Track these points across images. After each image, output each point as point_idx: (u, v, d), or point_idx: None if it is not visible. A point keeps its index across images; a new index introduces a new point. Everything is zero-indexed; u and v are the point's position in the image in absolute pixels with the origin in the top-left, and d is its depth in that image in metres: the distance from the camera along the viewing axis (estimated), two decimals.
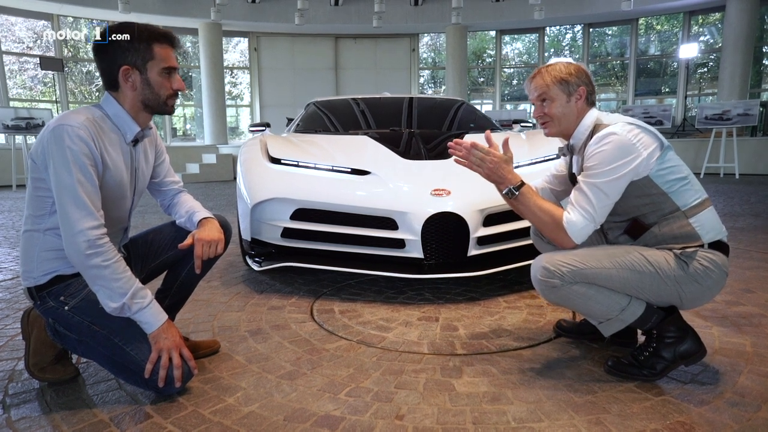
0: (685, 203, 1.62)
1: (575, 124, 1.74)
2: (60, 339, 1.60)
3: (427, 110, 4.21)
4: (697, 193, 1.64)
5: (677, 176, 1.63)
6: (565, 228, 1.64)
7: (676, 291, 1.61)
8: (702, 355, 1.66)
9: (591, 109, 1.74)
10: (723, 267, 1.62)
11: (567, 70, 1.72)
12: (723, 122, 9.81)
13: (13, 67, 11.78)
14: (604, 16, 12.78)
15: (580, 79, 1.72)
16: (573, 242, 1.65)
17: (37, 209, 1.54)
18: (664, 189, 1.62)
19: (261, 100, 14.09)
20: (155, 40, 1.57)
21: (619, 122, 1.64)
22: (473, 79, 15.31)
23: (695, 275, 1.59)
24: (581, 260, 1.62)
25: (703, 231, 1.61)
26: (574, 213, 1.64)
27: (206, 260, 1.75)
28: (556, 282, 1.63)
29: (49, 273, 1.55)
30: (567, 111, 1.72)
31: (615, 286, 1.62)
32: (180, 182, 1.94)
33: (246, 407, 1.51)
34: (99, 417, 1.46)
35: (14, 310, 2.43)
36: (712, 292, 1.64)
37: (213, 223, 1.77)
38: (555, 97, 1.72)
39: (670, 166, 1.62)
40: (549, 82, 1.72)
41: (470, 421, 1.42)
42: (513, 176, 1.73)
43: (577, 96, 1.71)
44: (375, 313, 2.33)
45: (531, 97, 1.79)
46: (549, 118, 1.75)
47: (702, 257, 1.59)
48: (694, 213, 1.62)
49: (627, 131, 1.60)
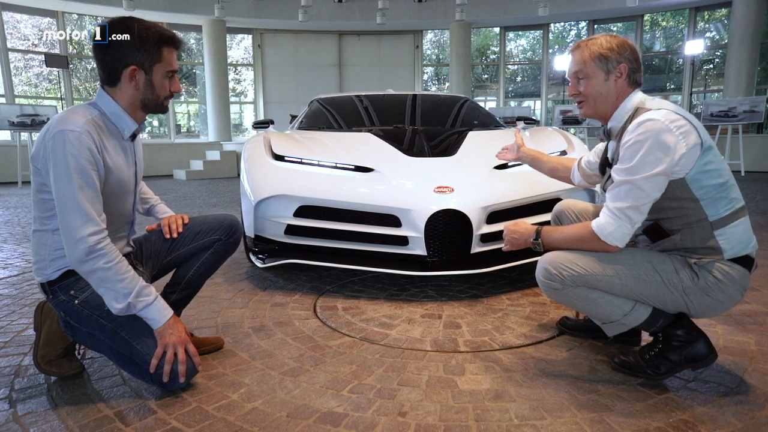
0: (715, 213, 1.48)
1: (614, 105, 1.59)
2: (72, 332, 1.62)
3: (431, 107, 4.21)
4: (731, 202, 1.48)
5: (715, 182, 1.46)
6: (597, 234, 1.54)
7: (683, 301, 1.54)
8: (711, 360, 1.58)
9: (634, 91, 1.58)
10: (739, 281, 1.50)
11: (608, 44, 1.56)
12: (729, 119, 9.74)
13: (19, 64, 11.82)
14: (609, 12, 12.70)
15: (622, 55, 1.55)
16: (614, 246, 1.54)
17: (43, 211, 1.55)
18: (697, 195, 1.47)
19: (264, 96, 14.09)
20: (165, 43, 1.58)
21: (663, 108, 1.48)
22: (477, 76, 15.27)
23: (705, 288, 1.49)
24: (584, 265, 1.57)
25: (728, 245, 1.48)
26: (603, 216, 1.54)
27: (215, 258, 1.90)
28: (557, 285, 1.61)
29: (60, 269, 1.57)
30: (604, 90, 1.58)
31: (617, 292, 1.58)
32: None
33: (249, 403, 1.52)
34: (104, 412, 1.47)
35: (21, 306, 2.44)
36: (724, 305, 1.54)
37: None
38: (592, 75, 1.58)
39: (711, 169, 1.46)
40: (586, 58, 1.58)
41: (473, 419, 1.42)
42: (527, 234, 1.73)
43: (617, 74, 1.56)
44: (378, 310, 2.33)
45: (568, 72, 1.66)
46: (584, 98, 1.62)
47: (717, 269, 1.49)
48: (723, 225, 1.48)
49: (669, 120, 1.44)
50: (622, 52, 1.56)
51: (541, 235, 1.69)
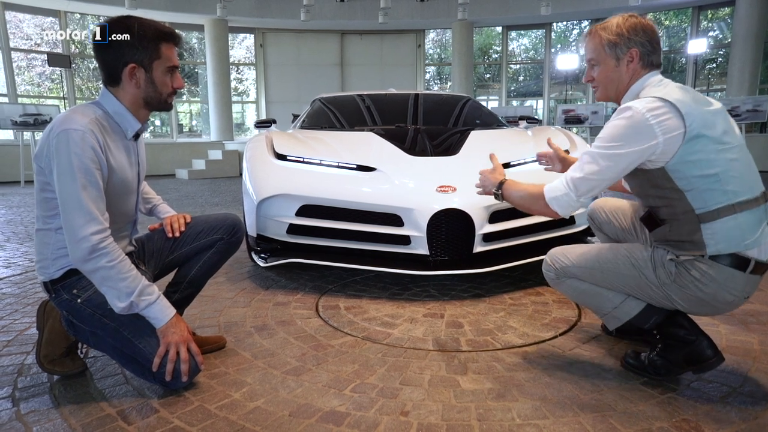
0: (702, 206, 1.41)
1: (625, 89, 1.57)
2: (75, 331, 1.62)
3: (433, 106, 4.20)
4: (724, 196, 1.40)
5: (703, 173, 1.39)
6: (544, 195, 1.55)
7: (664, 295, 1.52)
8: (715, 363, 1.53)
9: (648, 73, 1.54)
10: (724, 282, 1.43)
11: (618, 29, 1.53)
12: (732, 118, 9.70)
13: (22, 64, 11.84)
14: (612, 11, 12.64)
15: (633, 39, 1.52)
16: (554, 212, 1.54)
17: (46, 210, 1.56)
18: (680, 186, 1.42)
19: (267, 96, 14.09)
20: (163, 40, 1.58)
21: (654, 95, 1.44)
22: (479, 75, 15.25)
23: (682, 284, 1.47)
24: (573, 258, 1.66)
25: (712, 241, 1.41)
26: (557, 181, 1.54)
27: (217, 257, 1.90)
28: (552, 275, 1.72)
29: (63, 267, 1.58)
30: (615, 76, 1.56)
31: (604, 285, 1.63)
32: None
33: (252, 402, 1.52)
34: (106, 411, 1.48)
35: (23, 305, 2.45)
36: (713, 305, 1.48)
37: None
38: (602, 62, 1.57)
39: (697, 159, 1.39)
40: (597, 45, 1.57)
41: (475, 418, 1.42)
42: (494, 178, 1.75)
43: (628, 58, 1.53)
44: (380, 310, 2.33)
45: (585, 58, 1.65)
46: (597, 83, 1.61)
47: (696, 268, 1.44)
48: (711, 219, 1.41)
49: (648, 108, 1.40)
50: (633, 36, 1.52)
51: (503, 186, 1.73)
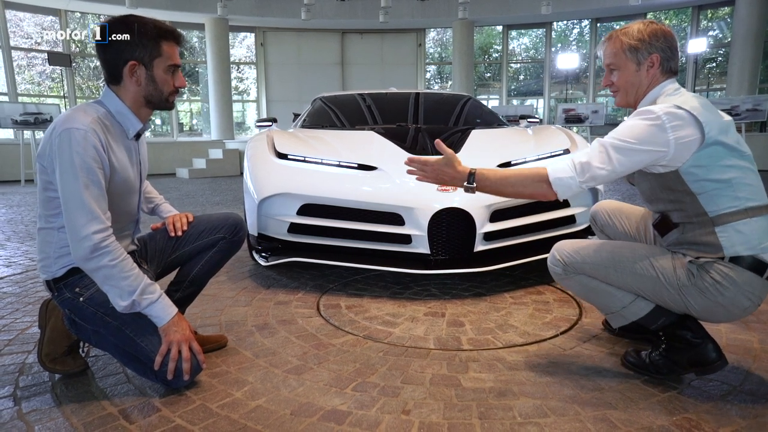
0: (715, 209, 1.43)
1: (644, 94, 1.57)
2: (76, 329, 1.63)
3: (434, 105, 4.20)
4: (736, 201, 1.42)
5: (716, 177, 1.42)
6: (548, 174, 1.49)
7: (681, 300, 1.50)
8: (719, 367, 1.52)
9: (667, 79, 1.56)
10: (744, 286, 1.41)
11: (639, 35, 1.53)
12: (732, 118, 9.70)
13: (22, 63, 11.84)
14: (612, 10, 12.66)
15: (654, 45, 1.52)
16: (553, 193, 1.50)
17: (48, 209, 1.56)
18: (692, 189, 1.44)
19: (267, 95, 14.09)
20: (163, 37, 1.58)
21: (673, 102, 1.45)
22: (480, 75, 15.24)
23: (703, 288, 1.45)
24: (585, 254, 1.61)
25: (728, 243, 1.42)
26: (563, 162, 1.49)
27: (219, 256, 1.91)
28: (559, 270, 1.68)
29: (65, 266, 1.58)
30: (635, 81, 1.56)
31: (616, 284, 1.60)
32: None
33: (253, 401, 1.52)
34: (108, 410, 1.48)
35: (24, 304, 2.45)
36: (729, 311, 1.46)
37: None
38: (623, 67, 1.56)
39: (712, 164, 1.41)
40: (617, 50, 1.56)
41: (476, 416, 1.42)
42: (459, 172, 1.58)
43: (649, 64, 1.53)
44: (381, 309, 2.34)
45: (603, 63, 1.65)
46: (617, 88, 1.61)
47: (716, 270, 1.43)
48: (725, 221, 1.42)
49: (665, 113, 1.42)
50: (654, 41, 1.53)
51: (477, 179, 1.56)
